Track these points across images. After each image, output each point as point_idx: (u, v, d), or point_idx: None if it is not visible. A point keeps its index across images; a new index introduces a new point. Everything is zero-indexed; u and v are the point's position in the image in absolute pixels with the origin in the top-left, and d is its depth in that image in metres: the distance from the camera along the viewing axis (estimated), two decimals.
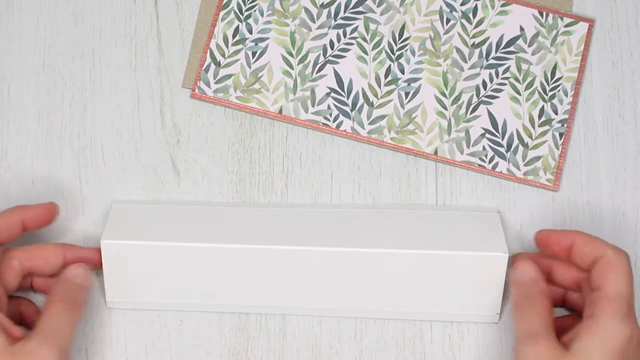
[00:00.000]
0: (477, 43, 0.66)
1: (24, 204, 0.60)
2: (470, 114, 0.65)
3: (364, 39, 0.66)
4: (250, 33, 0.67)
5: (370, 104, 0.65)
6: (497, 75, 0.66)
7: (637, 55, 0.67)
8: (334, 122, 0.65)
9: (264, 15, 0.67)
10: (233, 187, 0.65)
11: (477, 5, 0.67)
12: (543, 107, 0.65)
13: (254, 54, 0.66)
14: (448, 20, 0.67)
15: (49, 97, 0.66)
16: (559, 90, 0.66)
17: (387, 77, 0.66)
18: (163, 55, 0.67)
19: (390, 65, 0.66)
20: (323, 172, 0.65)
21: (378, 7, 0.67)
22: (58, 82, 0.66)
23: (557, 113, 0.65)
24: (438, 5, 0.67)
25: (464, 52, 0.66)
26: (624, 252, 0.57)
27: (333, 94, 0.66)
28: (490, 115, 0.65)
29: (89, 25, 0.67)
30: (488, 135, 0.65)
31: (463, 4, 0.67)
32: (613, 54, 0.67)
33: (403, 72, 0.66)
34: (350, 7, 0.67)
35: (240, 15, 0.67)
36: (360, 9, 0.67)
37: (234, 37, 0.67)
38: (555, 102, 0.66)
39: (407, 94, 0.66)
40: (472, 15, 0.67)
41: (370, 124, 0.65)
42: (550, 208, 0.64)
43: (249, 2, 0.67)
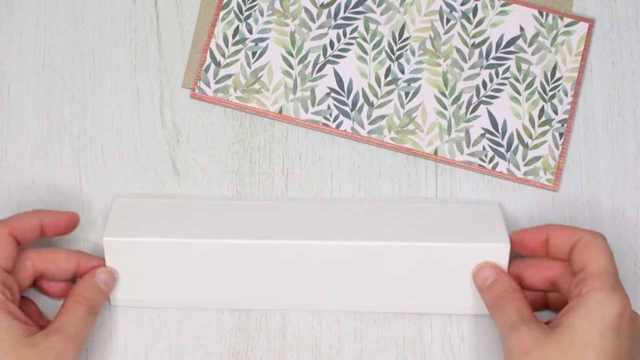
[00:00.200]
0: (477, 43, 0.66)
1: (46, 209, 0.60)
2: (470, 114, 0.65)
3: (364, 39, 0.66)
4: (250, 33, 0.67)
5: (370, 104, 0.65)
6: (497, 75, 0.66)
7: (637, 55, 0.67)
8: (334, 122, 0.65)
9: (264, 15, 0.67)
10: (233, 187, 0.65)
11: (477, 5, 0.67)
12: (543, 107, 0.65)
13: (254, 54, 0.66)
14: (448, 20, 0.67)
15: (49, 97, 0.66)
16: (559, 90, 0.66)
17: (387, 77, 0.66)
18: (163, 55, 0.67)
19: (390, 65, 0.66)
20: (323, 172, 0.65)
21: (378, 7, 0.67)
22: (58, 82, 0.66)
23: (557, 113, 0.65)
24: (438, 5, 0.67)
25: (464, 52, 0.66)
26: (600, 233, 0.56)
27: (333, 94, 0.66)
28: (490, 115, 0.65)
29: (89, 25, 0.67)
30: (488, 135, 0.65)
31: (463, 4, 0.67)
32: (613, 54, 0.67)
33: (403, 72, 0.66)
34: (350, 7, 0.67)
35: (240, 15, 0.67)
36: (360, 9, 0.67)
37: (234, 37, 0.67)
38: (555, 102, 0.66)
39: (407, 94, 0.66)
40: (472, 15, 0.67)
41: (370, 124, 0.65)
42: (550, 208, 0.64)
43: (249, 2, 0.67)
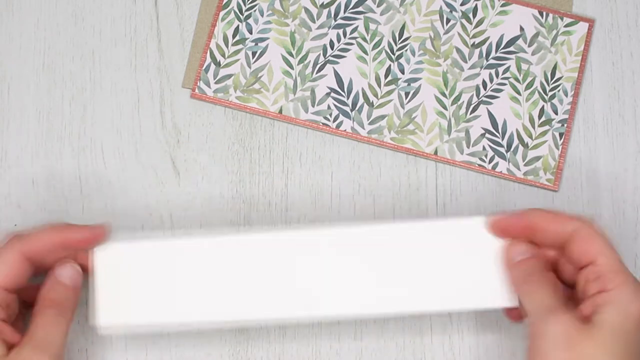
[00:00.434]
0: (477, 43, 0.66)
1: (70, 224, 0.57)
2: (470, 114, 0.65)
3: (364, 39, 0.66)
4: (250, 33, 0.67)
5: (370, 104, 0.65)
6: (497, 75, 0.66)
7: (637, 55, 0.67)
8: (334, 122, 0.65)
9: (264, 15, 0.67)
10: (233, 187, 0.65)
11: (477, 5, 0.67)
12: (543, 107, 0.65)
13: (254, 54, 0.66)
14: (448, 20, 0.67)
15: (49, 97, 0.66)
16: (559, 90, 0.66)
17: (387, 77, 0.66)
18: (163, 55, 0.67)
19: (390, 65, 0.66)
20: (323, 172, 0.65)
21: (378, 7, 0.67)
22: (58, 82, 0.66)
23: (557, 113, 0.65)
24: (438, 5, 0.67)
25: (464, 52, 0.66)
26: (589, 219, 0.55)
27: (333, 94, 0.66)
28: (490, 115, 0.65)
29: (89, 25, 0.67)
30: (488, 135, 0.65)
31: (463, 4, 0.67)
32: (613, 54, 0.67)
33: (403, 72, 0.66)
34: (350, 7, 0.67)
35: (240, 15, 0.67)
36: (360, 9, 0.67)
37: (234, 37, 0.67)
38: (555, 102, 0.66)
39: (407, 94, 0.66)
40: (472, 15, 0.67)
41: (370, 124, 0.65)
42: (550, 208, 0.64)
43: (249, 2, 0.67)
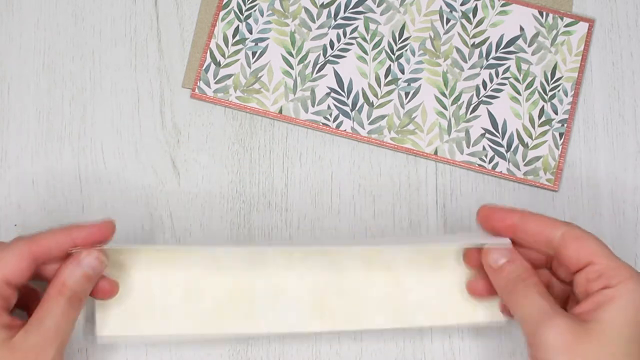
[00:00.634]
0: (477, 43, 0.66)
1: (77, 223, 0.56)
2: (470, 114, 0.65)
3: (364, 39, 0.66)
4: (250, 33, 0.67)
5: (370, 104, 0.65)
6: (497, 75, 0.66)
7: (637, 55, 0.67)
8: (334, 122, 0.65)
9: (264, 15, 0.67)
10: (233, 187, 0.64)
11: (477, 5, 0.67)
12: (543, 107, 0.65)
13: (254, 54, 0.66)
14: (448, 20, 0.67)
15: (49, 97, 0.66)
16: (559, 90, 0.66)
17: (387, 77, 0.66)
18: (163, 55, 0.67)
19: (390, 65, 0.66)
20: (323, 172, 0.65)
21: (378, 7, 0.67)
22: (58, 82, 0.66)
23: (557, 113, 0.65)
24: (438, 5, 0.67)
25: (464, 52, 0.66)
26: (574, 224, 0.55)
27: (333, 94, 0.66)
28: (490, 115, 0.65)
29: (89, 25, 0.67)
30: (488, 135, 0.65)
31: (463, 4, 0.67)
32: (613, 54, 0.67)
33: (403, 72, 0.66)
34: (350, 7, 0.67)
35: (240, 15, 0.67)
36: (360, 9, 0.67)
37: (234, 37, 0.67)
38: (555, 102, 0.66)
39: (407, 94, 0.66)
40: (472, 15, 0.67)
41: (370, 124, 0.65)
42: (550, 208, 0.64)
43: (249, 2, 0.67)
